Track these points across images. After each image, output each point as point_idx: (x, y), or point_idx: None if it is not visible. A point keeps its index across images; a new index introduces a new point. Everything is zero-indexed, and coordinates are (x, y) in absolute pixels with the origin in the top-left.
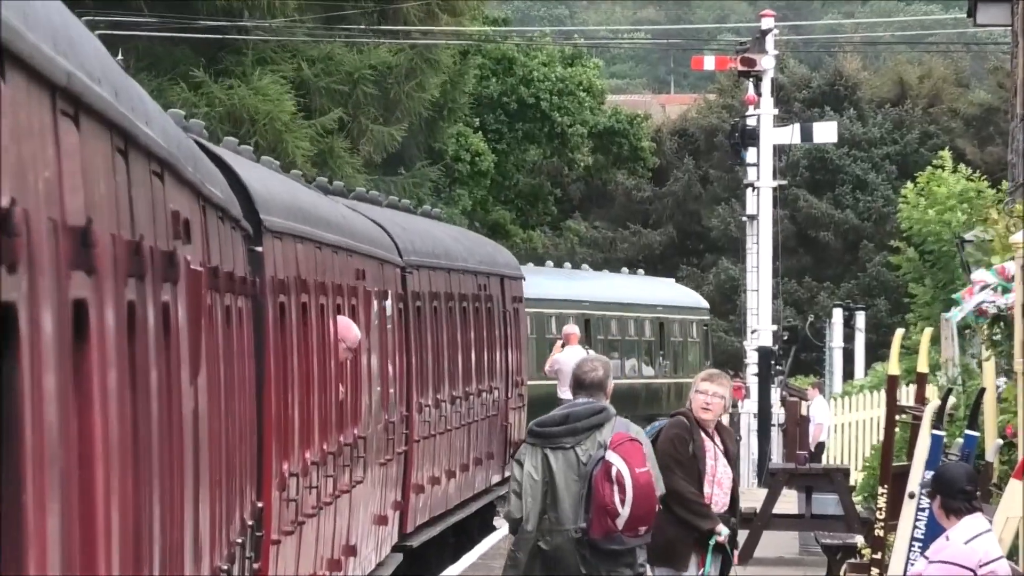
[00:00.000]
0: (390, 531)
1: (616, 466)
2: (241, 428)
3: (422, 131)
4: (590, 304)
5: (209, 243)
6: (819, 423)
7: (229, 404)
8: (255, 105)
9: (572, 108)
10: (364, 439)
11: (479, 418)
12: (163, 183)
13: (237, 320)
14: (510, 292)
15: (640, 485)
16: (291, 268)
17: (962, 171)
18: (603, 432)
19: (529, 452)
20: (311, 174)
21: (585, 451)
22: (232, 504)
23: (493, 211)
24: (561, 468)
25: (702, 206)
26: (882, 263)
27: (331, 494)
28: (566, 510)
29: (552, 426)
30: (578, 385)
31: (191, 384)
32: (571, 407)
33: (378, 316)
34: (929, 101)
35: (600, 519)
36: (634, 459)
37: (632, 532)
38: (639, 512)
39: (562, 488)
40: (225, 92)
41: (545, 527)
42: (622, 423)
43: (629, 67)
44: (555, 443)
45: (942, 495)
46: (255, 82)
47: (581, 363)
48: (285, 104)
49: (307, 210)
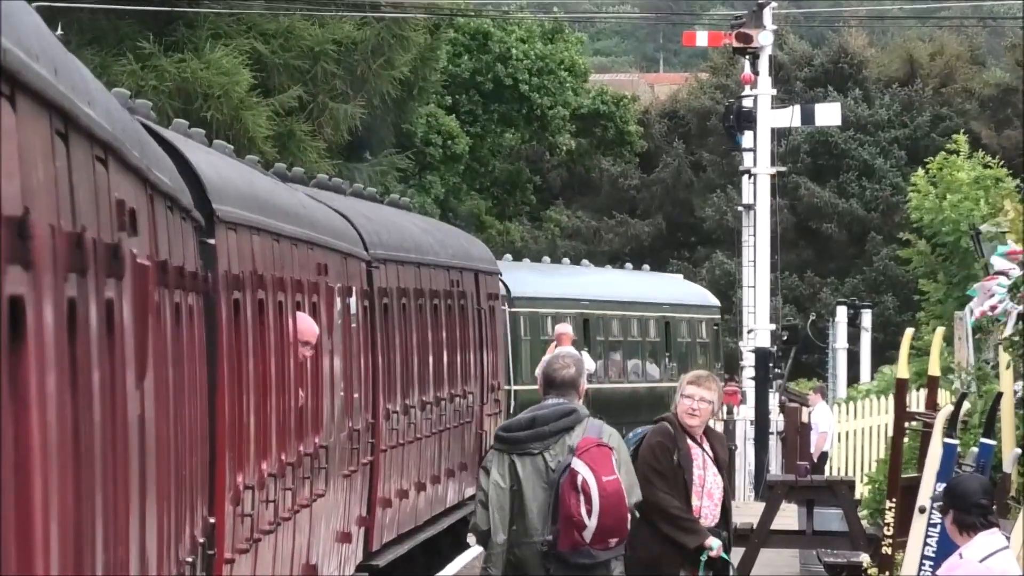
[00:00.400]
0: (354, 549)
1: (581, 474)
2: (191, 436)
3: (390, 112)
4: (589, 303)
5: (157, 235)
6: (822, 431)
7: (179, 410)
8: (208, 79)
9: (552, 88)
10: (326, 449)
11: (452, 425)
12: (107, 169)
13: (187, 318)
14: (485, 288)
15: (608, 494)
16: (246, 262)
17: (979, 157)
18: (573, 436)
19: (496, 459)
20: (270, 156)
21: (554, 456)
22: (181, 519)
23: (467, 200)
24: (529, 475)
25: (694, 195)
26: (890, 256)
27: (290, 509)
28: (533, 520)
29: (518, 431)
30: (548, 384)
31: (137, 388)
32: (538, 409)
33: (341, 314)
34: (941, 80)
35: (567, 531)
36: (601, 466)
37: (602, 545)
38: (607, 523)
39: (529, 497)
40: (176, 66)
41: (513, 538)
42: (595, 426)
43: (614, 43)
44: (522, 449)
45: (955, 509)
46: (208, 55)
47: (552, 360)
48: (242, 77)
49: (264, 199)
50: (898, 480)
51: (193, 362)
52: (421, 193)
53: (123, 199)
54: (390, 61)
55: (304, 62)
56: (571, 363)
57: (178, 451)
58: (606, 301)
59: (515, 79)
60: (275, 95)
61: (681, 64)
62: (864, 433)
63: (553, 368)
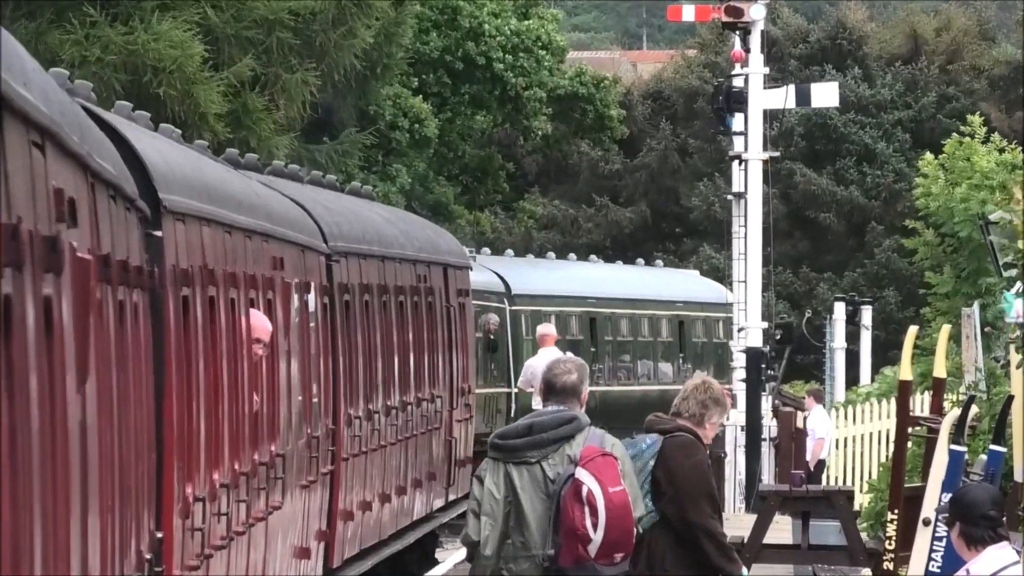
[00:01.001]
0: (313, 565)
1: (587, 485)
2: (137, 444)
3: (352, 91)
4: (596, 300)
5: (99, 227)
6: (819, 437)
7: (123, 416)
8: (158, 51)
9: (528, 68)
10: (283, 457)
11: (419, 432)
12: (44, 156)
13: (132, 317)
14: (455, 283)
15: (614, 506)
16: (196, 256)
17: (995, 141)
18: (573, 445)
19: (491, 468)
20: (223, 136)
21: (552, 466)
22: (127, 534)
23: (435, 188)
24: (526, 486)
25: (680, 182)
26: (892, 248)
27: (244, 522)
28: (532, 533)
29: (514, 438)
30: (548, 390)
31: (78, 392)
32: (536, 416)
33: (299, 312)
34: (947, 58)
35: (570, 545)
36: (607, 477)
37: (607, 560)
38: (613, 536)
39: (527, 509)
40: (122, 37)
41: (509, 553)
42: (596, 435)
43: (594, 18)
44: (518, 457)
45: (962, 522)
46: (155, 27)
47: (552, 365)
48: (194, 50)
49: (215, 187)
50: (901, 490)
51: (138, 364)
52: (385, 181)
53: (62, 188)
54: (352, 31)
55: (257, 33)
56: (573, 369)
57: (123, 460)
58: (614, 299)
59: (487, 57)
60: (226, 69)
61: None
62: (864, 439)
63: (554, 374)
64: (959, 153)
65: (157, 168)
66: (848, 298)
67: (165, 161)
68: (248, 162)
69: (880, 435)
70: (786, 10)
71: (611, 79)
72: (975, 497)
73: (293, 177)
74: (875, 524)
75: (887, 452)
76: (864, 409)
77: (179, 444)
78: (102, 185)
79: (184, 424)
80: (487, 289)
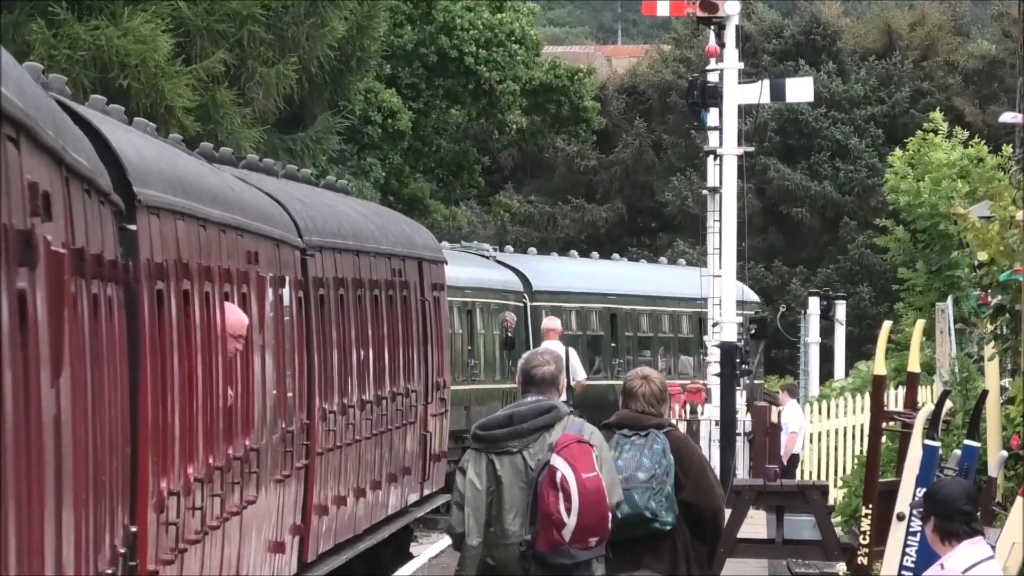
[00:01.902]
0: (288, 560)
1: (560, 471)
2: (111, 438)
3: (326, 85)
4: (617, 297)
5: (73, 220)
6: (793, 432)
7: (97, 410)
8: (125, 47)
9: (502, 61)
10: (257, 451)
11: (394, 427)
12: (19, 150)
13: (107, 311)
14: (430, 278)
15: (588, 492)
16: (170, 250)
17: (958, 135)
18: (553, 433)
19: (473, 458)
20: (192, 129)
21: (533, 455)
22: (101, 528)
23: (410, 183)
24: (508, 475)
25: (655, 177)
26: (866, 244)
27: (218, 517)
28: (511, 521)
29: (495, 428)
30: (527, 381)
31: (52, 387)
32: (516, 407)
33: (274, 307)
34: (922, 53)
35: (545, 530)
36: (581, 463)
37: (581, 544)
38: (586, 521)
39: (508, 497)
40: (90, 33)
41: (492, 541)
42: (575, 424)
43: (568, 12)
44: (500, 447)
45: (936, 516)
46: (125, 23)
47: (530, 357)
48: (160, 45)
49: (189, 181)
50: (875, 485)
51: (113, 358)
52: (360, 175)
53: (36, 182)
54: (323, 23)
55: (229, 26)
56: (550, 360)
57: (97, 454)
58: (635, 295)
59: (460, 51)
60: (198, 62)
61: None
62: (838, 434)
63: (532, 365)
64: (923, 149)
65: (131, 162)
66: (822, 293)
67: (139, 155)
68: (223, 156)
69: (854, 430)
70: (761, 5)
71: (585, 70)
72: (949, 492)
73: (268, 171)
74: (849, 519)
75: (861, 447)
76: (838, 404)
77: (153, 438)
78: (76, 179)
79: (158, 418)
80: (506, 288)
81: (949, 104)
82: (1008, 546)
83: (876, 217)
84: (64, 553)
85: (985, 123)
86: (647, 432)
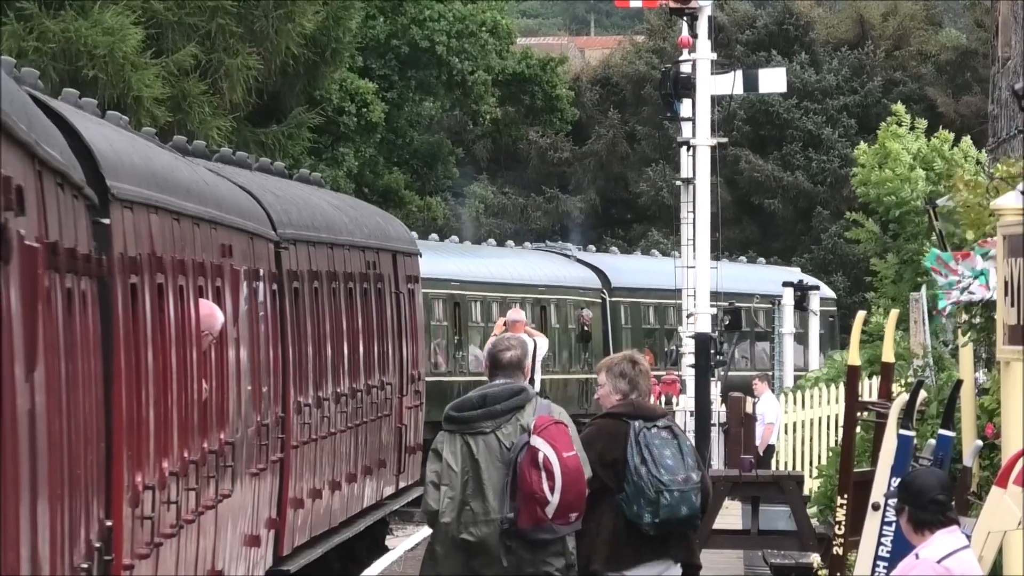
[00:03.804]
0: (263, 553)
1: (543, 451)
2: (86, 432)
3: (300, 77)
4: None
5: (47, 214)
6: (768, 422)
7: (72, 404)
8: (93, 38)
9: (474, 52)
10: (232, 445)
11: (369, 419)
12: None
13: (80, 305)
14: (404, 270)
15: (569, 470)
16: (144, 243)
17: (919, 126)
18: (524, 415)
19: (447, 440)
20: (161, 120)
21: (507, 435)
22: (76, 523)
23: (384, 174)
24: (483, 455)
25: (628, 168)
26: (839, 234)
27: (193, 510)
28: (491, 499)
29: (469, 410)
30: (495, 365)
31: (27, 381)
32: (487, 388)
33: (248, 300)
34: (894, 43)
35: (529, 508)
36: (561, 443)
37: (563, 520)
38: (569, 498)
39: (486, 476)
40: (59, 26)
41: (468, 519)
42: (544, 405)
43: (541, 4)
44: (474, 428)
45: (911, 506)
46: (95, 16)
47: (497, 342)
48: (128, 34)
49: (163, 175)
50: (850, 475)
51: (87, 352)
52: (333, 167)
53: (9, 176)
54: (291, 15)
55: (200, 19)
56: (516, 345)
57: (72, 449)
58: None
59: (432, 43)
60: (169, 55)
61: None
62: (813, 424)
63: (499, 350)
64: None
65: (105, 156)
66: (796, 283)
67: (112, 149)
68: (196, 149)
69: (829, 420)
70: None
71: (557, 59)
72: (924, 482)
73: (241, 164)
74: (824, 509)
75: (836, 437)
76: (813, 394)
77: (128, 432)
78: (50, 173)
79: (133, 413)
80: (584, 285)
81: (922, 94)
82: (984, 535)
83: (849, 207)
84: (39, 548)
85: (958, 113)
86: (666, 423)
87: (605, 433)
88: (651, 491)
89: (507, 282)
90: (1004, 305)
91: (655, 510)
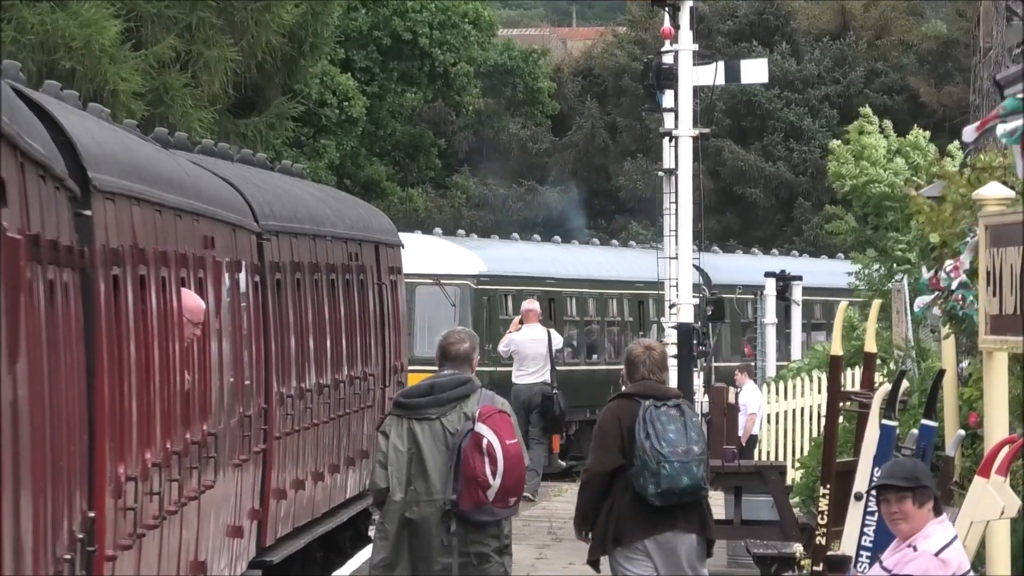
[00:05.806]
0: (246, 544)
1: (487, 438)
2: (69, 424)
3: (279, 71)
4: None
5: (28, 206)
6: (751, 412)
7: (54, 395)
8: (71, 29)
9: (456, 43)
10: (215, 436)
11: (352, 410)
12: None
13: (63, 296)
14: (386, 261)
15: (511, 456)
16: (126, 235)
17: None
18: (468, 403)
19: (395, 423)
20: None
21: (451, 422)
22: (59, 514)
23: (366, 166)
24: (427, 439)
25: (609, 160)
26: (820, 224)
27: (176, 501)
28: (433, 481)
29: (417, 397)
30: (444, 356)
31: (9, 372)
32: (436, 378)
33: (230, 291)
34: (876, 33)
35: (471, 491)
36: (504, 431)
37: (503, 503)
38: (509, 483)
39: (429, 459)
40: (37, 17)
41: (411, 498)
42: (488, 395)
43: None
44: (420, 414)
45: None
46: (73, 7)
47: (448, 335)
48: (106, 26)
49: (144, 166)
50: (833, 465)
51: (69, 344)
52: (315, 159)
53: None
54: (269, 7)
55: (180, 11)
56: (466, 338)
57: (54, 440)
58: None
59: (414, 34)
60: (148, 48)
61: (596, 17)
62: (795, 415)
63: (449, 342)
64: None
65: (86, 147)
66: (778, 273)
67: (94, 140)
68: (178, 141)
69: (811, 410)
70: None
71: (539, 50)
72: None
73: (223, 156)
74: (807, 499)
75: (819, 427)
76: (795, 384)
77: (111, 424)
78: (31, 165)
79: (115, 404)
80: None
81: (903, 84)
82: (967, 525)
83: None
84: (22, 538)
85: (940, 103)
86: (675, 402)
87: (616, 414)
88: (653, 463)
89: (604, 279)
90: (986, 295)
91: (657, 481)
